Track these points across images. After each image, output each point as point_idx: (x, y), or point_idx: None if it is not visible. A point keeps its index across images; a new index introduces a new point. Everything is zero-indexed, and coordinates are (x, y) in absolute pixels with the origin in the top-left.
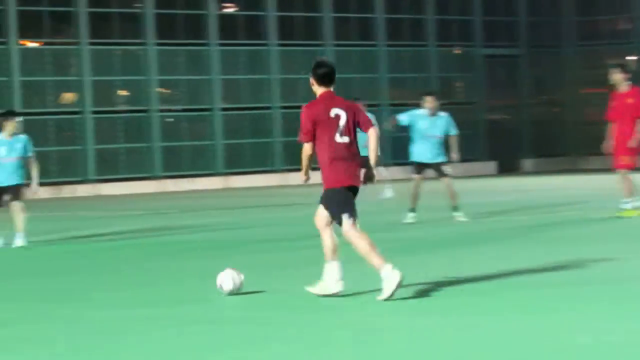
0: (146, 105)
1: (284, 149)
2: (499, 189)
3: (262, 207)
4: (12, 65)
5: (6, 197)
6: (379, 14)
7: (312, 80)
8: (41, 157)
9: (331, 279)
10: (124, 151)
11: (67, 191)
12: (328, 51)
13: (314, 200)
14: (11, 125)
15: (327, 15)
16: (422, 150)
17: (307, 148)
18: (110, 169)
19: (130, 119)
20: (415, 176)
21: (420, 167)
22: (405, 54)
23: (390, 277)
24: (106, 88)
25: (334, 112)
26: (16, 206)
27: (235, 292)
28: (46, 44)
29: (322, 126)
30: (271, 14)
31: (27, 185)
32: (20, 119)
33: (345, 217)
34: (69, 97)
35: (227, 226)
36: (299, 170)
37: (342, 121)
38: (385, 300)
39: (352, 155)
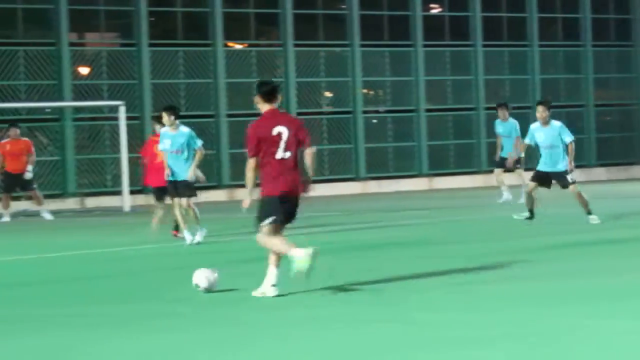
0: (351, 106)
1: (488, 149)
2: None
3: (464, 208)
4: (218, 66)
5: (178, 193)
6: (585, 14)
7: (257, 99)
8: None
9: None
10: (328, 152)
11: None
12: (534, 51)
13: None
14: (164, 119)
15: (533, 15)
16: (544, 161)
17: (251, 162)
18: (314, 169)
19: (334, 120)
20: (530, 184)
21: (539, 175)
22: (611, 55)
23: (300, 254)
24: (311, 89)
25: (276, 130)
26: (186, 202)
27: (211, 289)
28: (251, 45)
29: (266, 143)
30: (477, 14)
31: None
32: (167, 113)
33: (265, 223)
34: None
35: (429, 222)
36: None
37: (284, 138)
38: (298, 273)
39: (293, 168)
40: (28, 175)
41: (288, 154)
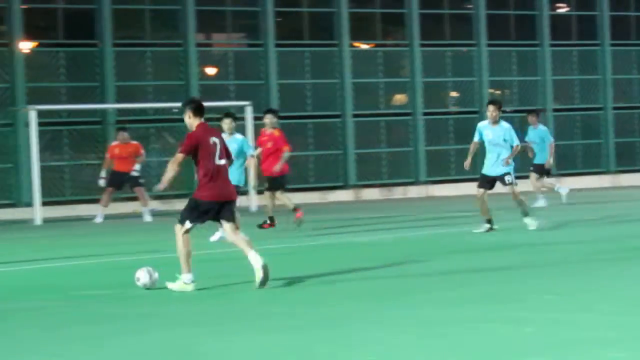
0: (477, 106)
1: (616, 149)
2: None
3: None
4: (344, 67)
5: None
6: None
7: (188, 114)
8: (373, 159)
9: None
10: (454, 152)
11: (399, 193)
12: None
13: None
14: (227, 125)
15: None
16: (488, 163)
17: (180, 158)
18: (441, 170)
19: (460, 120)
20: (479, 190)
21: (484, 180)
22: None
23: (185, 282)
24: (437, 89)
25: (212, 140)
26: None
27: (150, 286)
28: (377, 45)
29: (204, 149)
30: (605, 13)
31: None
32: (229, 119)
33: (186, 223)
34: (400, 98)
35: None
36: (630, 171)
37: (218, 147)
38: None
39: (226, 175)
40: (135, 173)
41: (223, 162)
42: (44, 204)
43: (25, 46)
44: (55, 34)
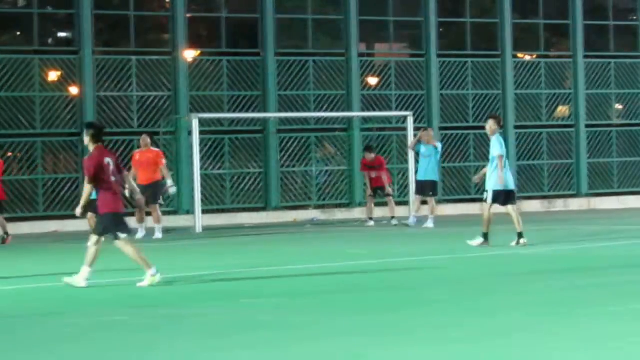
0: None
1: None
2: None
3: None
4: (507, 78)
5: None
6: None
7: (87, 139)
8: (534, 170)
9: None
10: (617, 165)
11: (559, 205)
12: None
13: None
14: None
15: None
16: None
17: (89, 187)
18: (604, 183)
19: (624, 133)
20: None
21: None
22: None
23: (152, 276)
24: (601, 101)
25: (106, 160)
26: None
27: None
28: (540, 56)
29: (102, 170)
30: None
31: None
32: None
33: (124, 236)
34: (562, 110)
35: None
36: None
37: (112, 167)
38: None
39: (118, 189)
40: (173, 190)
41: (114, 179)
42: (204, 211)
43: (189, 55)
44: (218, 42)
